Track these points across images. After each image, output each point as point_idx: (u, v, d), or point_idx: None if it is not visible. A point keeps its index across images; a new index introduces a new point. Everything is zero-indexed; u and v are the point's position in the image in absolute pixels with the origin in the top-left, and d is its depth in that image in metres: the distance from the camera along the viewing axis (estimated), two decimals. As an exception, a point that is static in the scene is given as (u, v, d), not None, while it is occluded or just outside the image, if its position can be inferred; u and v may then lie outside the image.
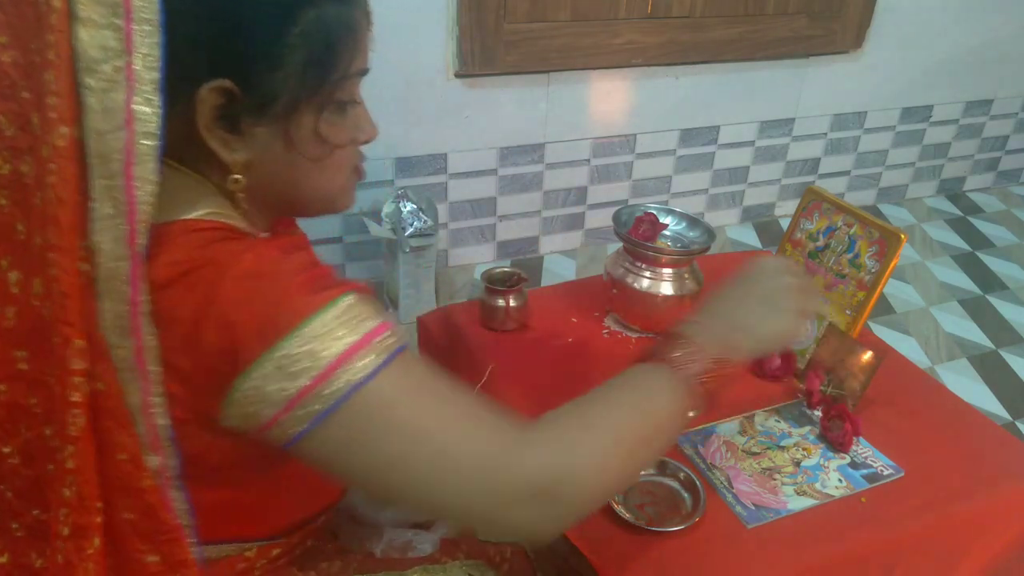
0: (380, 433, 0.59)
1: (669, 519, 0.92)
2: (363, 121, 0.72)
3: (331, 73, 0.65)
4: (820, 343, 1.14)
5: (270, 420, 0.58)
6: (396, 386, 0.60)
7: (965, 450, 1.06)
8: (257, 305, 0.57)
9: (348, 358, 0.58)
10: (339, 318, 0.59)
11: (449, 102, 2.04)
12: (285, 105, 0.63)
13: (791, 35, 2.33)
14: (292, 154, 0.66)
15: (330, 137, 0.67)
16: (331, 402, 0.57)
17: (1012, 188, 3.10)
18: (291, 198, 0.71)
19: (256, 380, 0.57)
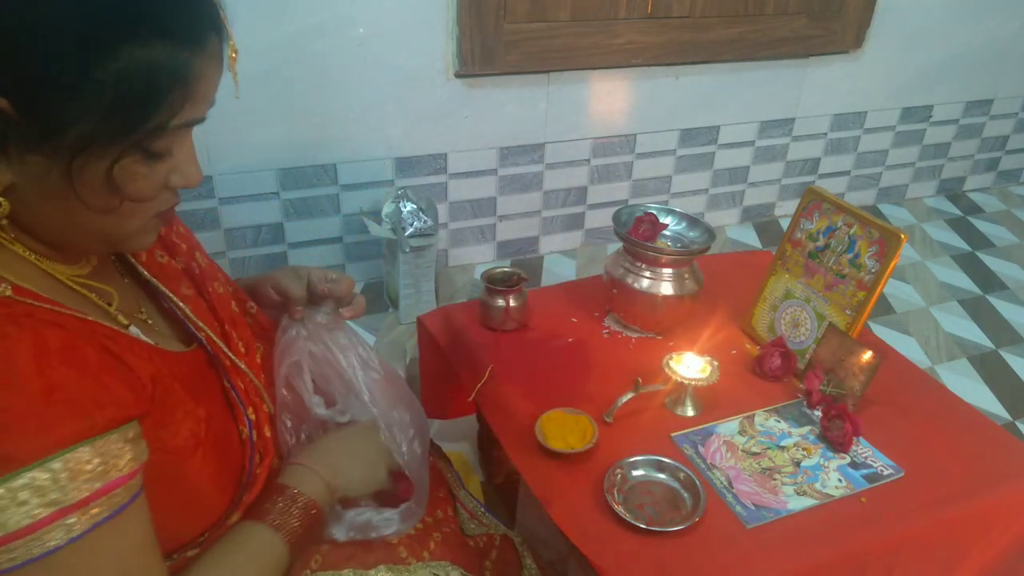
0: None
1: (669, 519, 0.92)
2: (183, 167, 0.61)
3: (144, 122, 0.55)
4: (820, 343, 1.14)
5: None
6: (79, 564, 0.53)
7: (965, 450, 1.06)
8: None
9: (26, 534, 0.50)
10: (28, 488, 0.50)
11: (449, 102, 2.04)
12: (74, 141, 0.54)
13: (791, 35, 2.33)
14: (69, 195, 0.56)
15: (125, 187, 0.57)
16: None
17: (1012, 188, 3.10)
18: (68, 234, 0.60)
19: None
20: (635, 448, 1.01)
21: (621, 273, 1.23)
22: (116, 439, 0.55)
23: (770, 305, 1.25)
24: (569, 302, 1.35)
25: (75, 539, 0.52)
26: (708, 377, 1.07)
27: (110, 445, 0.55)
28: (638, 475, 0.98)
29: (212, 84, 0.59)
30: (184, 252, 0.81)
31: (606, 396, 1.09)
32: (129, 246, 0.65)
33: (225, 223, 1.95)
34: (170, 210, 0.65)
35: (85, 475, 0.53)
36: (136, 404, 0.58)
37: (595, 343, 1.25)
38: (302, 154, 1.95)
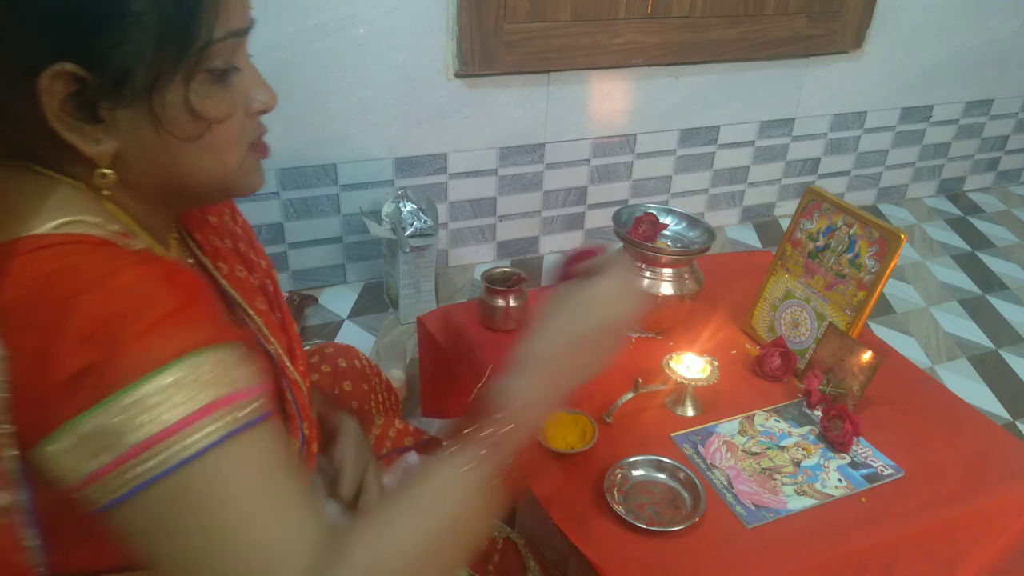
0: (182, 526, 0.51)
1: (669, 519, 0.92)
2: (253, 88, 0.63)
3: (192, 38, 0.55)
4: (820, 343, 1.14)
5: (72, 487, 0.51)
6: (213, 477, 0.51)
7: (965, 450, 1.06)
8: (84, 357, 0.49)
9: (169, 435, 0.50)
10: (176, 384, 0.50)
11: (449, 102, 2.04)
12: (143, 81, 0.55)
13: (791, 35, 2.33)
14: (164, 136, 0.58)
15: (206, 111, 0.58)
16: (137, 483, 0.50)
17: (1012, 188, 3.09)
18: (176, 187, 0.62)
19: (56, 448, 0.50)
20: (635, 448, 1.01)
21: (621, 273, 1.23)
22: (239, 355, 0.55)
23: (770, 305, 1.25)
24: (569, 302, 1.35)
25: (223, 439, 0.51)
26: (708, 377, 1.07)
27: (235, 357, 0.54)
28: (638, 475, 0.98)
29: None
30: (262, 270, 0.83)
31: (606, 396, 1.09)
32: (239, 187, 0.66)
33: (225, 223, 1.95)
34: (261, 141, 0.66)
35: (230, 374, 0.53)
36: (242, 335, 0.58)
37: (595, 343, 1.25)
38: (302, 154, 1.95)
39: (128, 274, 0.52)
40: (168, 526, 0.52)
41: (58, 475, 0.51)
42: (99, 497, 0.50)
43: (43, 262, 0.51)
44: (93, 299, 0.50)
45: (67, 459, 0.50)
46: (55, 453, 0.50)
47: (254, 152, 0.66)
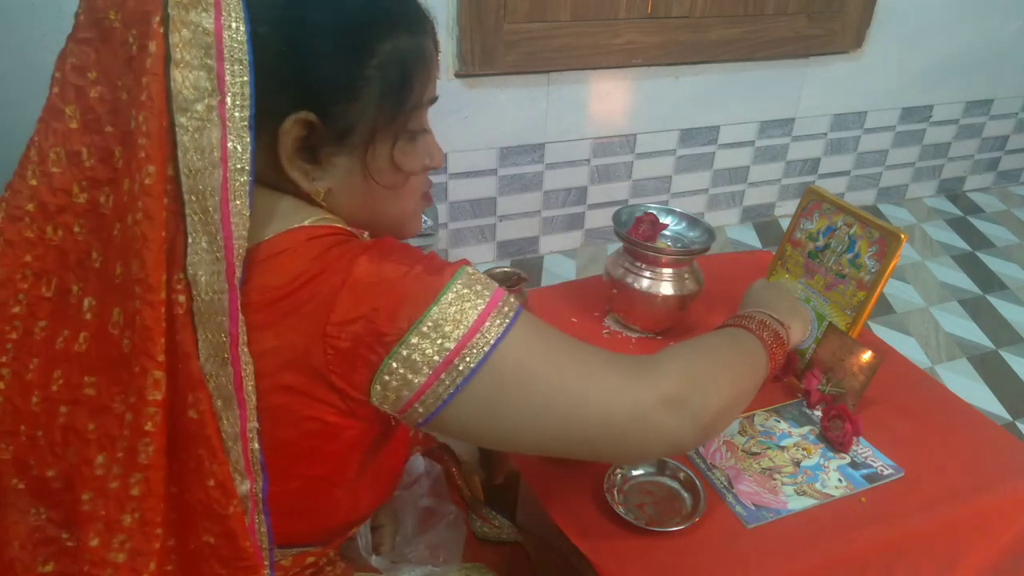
0: (524, 383, 0.63)
1: (669, 519, 0.92)
2: (432, 148, 0.74)
3: (405, 103, 0.67)
4: (820, 343, 1.14)
5: (418, 391, 0.61)
6: (527, 340, 0.64)
7: (965, 450, 1.05)
8: (391, 290, 0.60)
9: (483, 321, 0.61)
10: (466, 287, 0.62)
11: (449, 102, 2.04)
12: (362, 135, 0.65)
13: (791, 35, 2.33)
14: (369, 182, 0.68)
15: (404, 165, 0.69)
16: (476, 363, 0.61)
17: (1012, 188, 3.10)
18: (365, 223, 0.73)
19: (405, 352, 0.60)
20: (635, 448, 1.01)
21: (621, 273, 1.23)
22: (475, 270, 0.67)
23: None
24: (569, 302, 1.35)
25: (513, 320, 0.63)
26: (708, 377, 1.07)
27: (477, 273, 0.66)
28: (638, 475, 0.98)
29: (437, 62, 0.71)
30: None
31: (606, 396, 1.09)
32: (408, 229, 0.77)
33: (225, 223, 1.95)
34: (428, 193, 0.78)
35: (484, 282, 0.64)
36: None
37: (595, 343, 1.24)
38: (302, 154, 1.95)
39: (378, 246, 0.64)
40: (506, 397, 0.63)
41: (402, 386, 0.61)
42: (444, 391, 0.61)
43: (319, 244, 0.62)
44: (369, 257, 0.62)
45: (416, 356, 0.60)
46: (404, 357, 0.60)
47: (423, 202, 0.77)
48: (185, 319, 0.57)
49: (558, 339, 0.68)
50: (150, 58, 0.54)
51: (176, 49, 0.54)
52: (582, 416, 0.66)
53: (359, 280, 0.60)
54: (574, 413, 0.65)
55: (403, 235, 0.76)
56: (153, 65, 0.54)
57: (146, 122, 0.54)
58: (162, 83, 0.54)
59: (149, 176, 0.54)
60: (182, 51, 0.54)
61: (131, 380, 0.56)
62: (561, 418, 0.65)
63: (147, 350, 0.56)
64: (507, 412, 0.64)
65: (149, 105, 0.54)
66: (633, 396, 0.67)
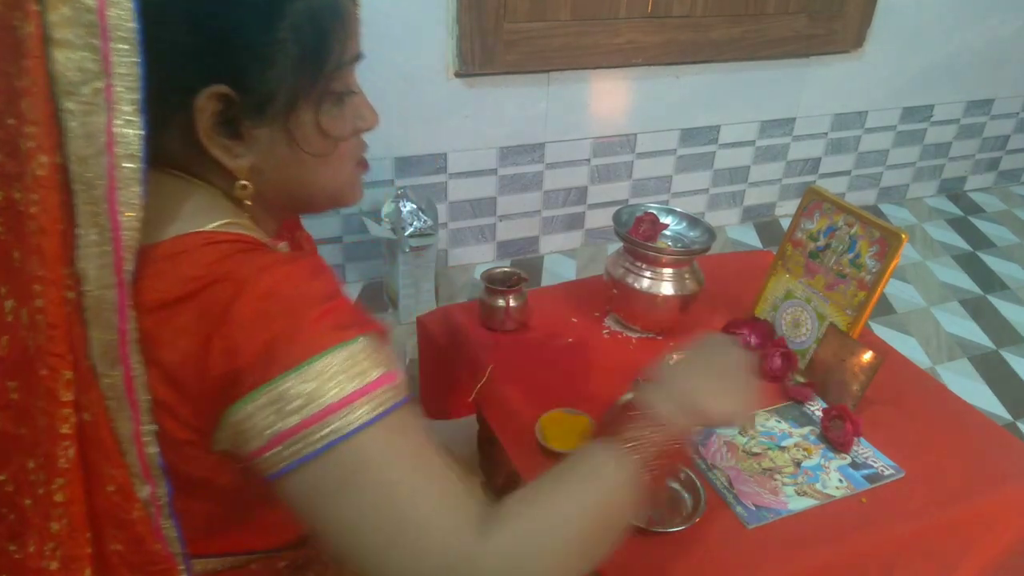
0: (352, 490, 0.57)
1: (669, 520, 0.92)
2: (363, 109, 0.70)
3: (325, 64, 0.63)
4: (821, 343, 1.14)
5: (254, 453, 0.56)
6: (381, 446, 0.57)
7: (966, 450, 1.05)
8: (268, 331, 0.55)
9: (343, 406, 0.55)
10: (346, 361, 0.56)
11: (449, 102, 2.04)
12: (283, 103, 0.61)
13: (792, 35, 2.33)
14: (296, 152, 0.64)
15: (332, 130, 0.65)
16: (316, 447, 0.55)
17: (1013, 188, 3.09)
18: (300, 197, 0.69)
19: (250, 409, 0.55)
20: (635, 448, 1.01)
21: (621, 273, 1.23)
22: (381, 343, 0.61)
23: (771, 305, 1.25)
24: (569, 302, 1.35)
25: (387, 412, 0.57)
26: (708, 377, 1.07)
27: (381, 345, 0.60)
28: None
29: (357, 19, 0.68)
30: None
31: (606, 396, 1.09)
32: (346, 198, 0.72)
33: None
34: (363, 158, 0.73)
35: (376, 360, 0.58)
36: None
37: (595, 343, 1.25)
38: (302, 154, 1.95)
39: (287, 266, 0.58)
40: (338, 490, 0.57)
41: (243, 440, 0.56)
42: (280, 460, 0.55)
43: (216, 251, 0.58)
44: (266, 281, 0.56)
45: (259, 419, 0.55)
46: (248, 413, 0.55)
47: (359, 168, 0.73)
48: (75, 315, 0.54)
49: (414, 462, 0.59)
50: (30, 39, 0.50)
51: (56, 28, 0.51)
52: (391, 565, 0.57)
53: (254, 300, 0.55)
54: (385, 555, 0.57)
55: (342, 204, 0.73)
56: (34, 46, 0.50)
57: (32, 109, 0.51)
58: (43, 65, 0.51)
59: (41, 167, 0.52)
60: (63, 30, 0.51)
61: (39, 382, 0.54)
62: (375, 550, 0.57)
63: (52, 349, 0.53)
64: (328, 510, 0.57)
65: (33, 90, 0.51)
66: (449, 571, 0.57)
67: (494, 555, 0.58)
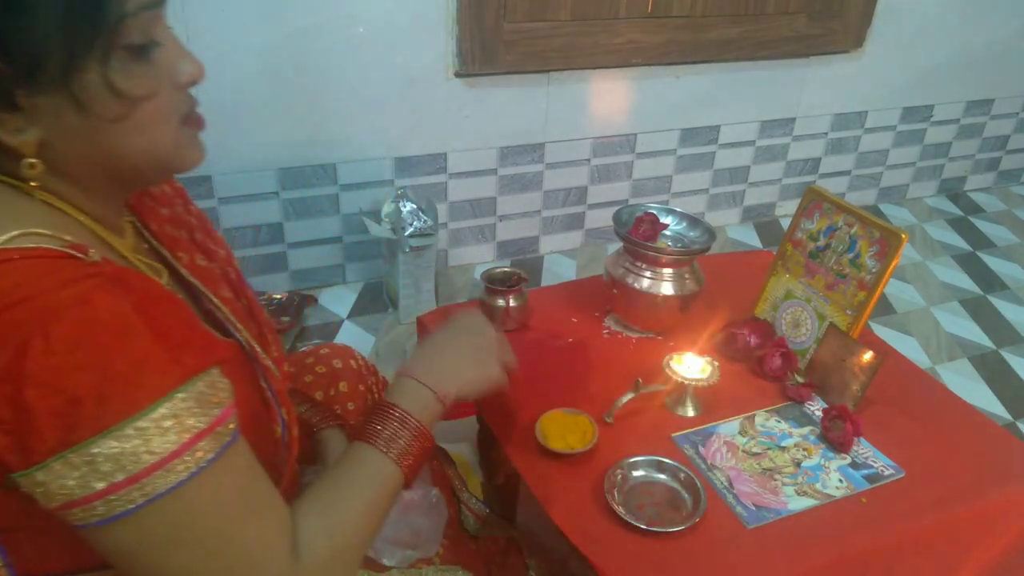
0: (179, 540, 0.55)
1: (670, 520, 0.92)
2: (177, 61, 0.60)
3: (102, 15, 0.53)
4: (821, 343, 1.14)
5: (60, 507, 0.51)
6: (208, 493, 0.55)
7: (966, 450, 1.05)
8: (67, 388, 0.48)
9: (162, 465, 0.52)
10: (165, 419, 0.52)
11: (449, 102, 2.04)
12: (58, 65, 0.52)
13: (792, 35, 2.33)
14: (91, 119, 0.55)
15: (129, 90, 0.56)
16: (132, 505, 0.51)
17: (1013, 188, 3.09)
18: (113, 169, 0.60)
19: (50, 474, 0.50)
20: (635, 448, 1.01)
21: (621, 273, 1.23)
22: (218, 374, 0.58)
23: (771, 305, 1.25)
24: (569, 302, 1.35)
25: (210, 462, 0.55)
26: (708, 377, 1.07)
27: (216, 379, 0.58)
28: (638, 475, 0.98)
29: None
30: (221, 259, 0.82)
31: (606, 396, 1.09)
32: (178, 164, 0.64)
33: (224, 223, 1.95)
34: (193, 113, 0.64)
35: (208, 403, 0.55)
36: (224, 348, 0.62)
37: (595, 343, 1.25)
38: (302, 154, 1.94)
39: (100, 302, 0.51)
40: (160, 541, 0.55)
41: (46, 497, 0.51)
42: (89, 517, 0.52)
43: (5, 279, 0.50)
44: (66, 330, 0.49)
45: (60, 483, 0.50)
46: (46, 479, 0.50)
47: (188, 126, 0.63)
48: None
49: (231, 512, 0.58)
50: None
51: None
52: None
53: (48, 351, 0.48)
54: None
55: (176, 169, 0.64)
56: None
57: None
58: None
59: None
60: None
61: None
62: None
63: None
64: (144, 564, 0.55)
65: None
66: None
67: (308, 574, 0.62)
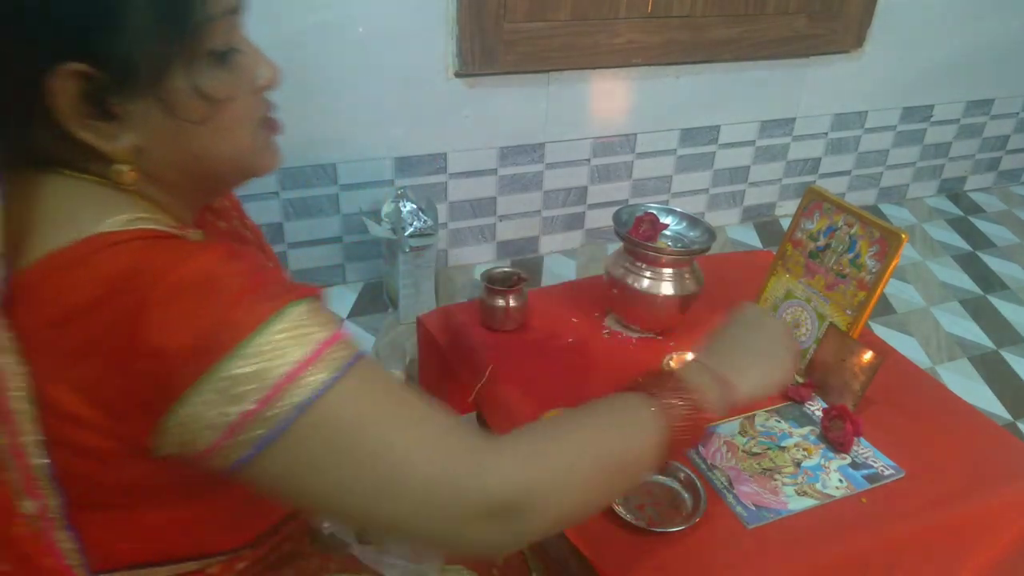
0: (331, 454, 0.54)
1: (670, 520, 0.92)
2: (256, 67, 0.63)
3: (187, 20, 0.56)
4: (820, 343, 1.14)
5: (209, 448, 0.53)
6: (347, 403, 0.55)
7: (966, 450, 1.05)
8: (191, 324, 0.52)
9: (296, 376, 0.53)
10: (286, 331, 0.53)
11: (449, 102, 2.04)
12: (149, 70, 0.55)
13: (791, 35, 2.33)
14: (179, 123, 0.58)
15: (213, 92, 0.59)
16: (276, 424, 0.52)
17: (1013, 188, 3.09)
18: (201, 172, 0.63)
19: (193, 407, 0.52)
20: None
21: (621, 273, 1.23)
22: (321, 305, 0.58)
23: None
24: (569, 302, 1.35)
25: (347, 367, 0.55)
26: (708, 377, 1.07)
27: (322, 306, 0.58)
28: None
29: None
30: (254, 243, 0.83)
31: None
32: (257, 166, 0.66)
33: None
34: (270, 118, 0.66)
35: (317, 321, 0.55)
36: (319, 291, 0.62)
37: (595, 343, 1.25)
38: (302, 154, 1.95)
39: (203, 254, 0.54)
40: (315, 461, 0.54)
41: (192, 439, 0.53)
42: (240, 448, 0.53)
43: (117, 253, 0.53)
44: (182, 272, 0.52)
45: (207, 414, 0.52)
46: (190, 413, 0.52)
47: (265, 130, 0.66)
48: None
49: (388, 409, 0.57)
50: None
51: None
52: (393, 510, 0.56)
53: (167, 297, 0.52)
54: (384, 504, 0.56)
55: (254, 172, 0.66)
56: None
57: None
58: None
59: None
60: None
61: None
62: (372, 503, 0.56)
63: None
64: (312, 481, 0.55)
65: None
66: (454, 502, 0.56)
67: (496, 468, 0.57)
